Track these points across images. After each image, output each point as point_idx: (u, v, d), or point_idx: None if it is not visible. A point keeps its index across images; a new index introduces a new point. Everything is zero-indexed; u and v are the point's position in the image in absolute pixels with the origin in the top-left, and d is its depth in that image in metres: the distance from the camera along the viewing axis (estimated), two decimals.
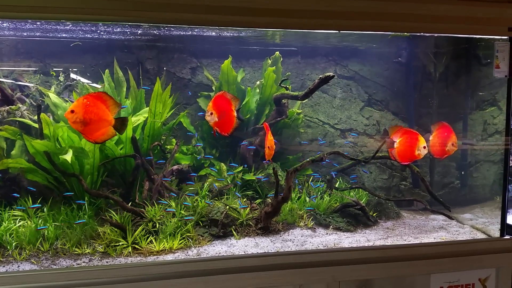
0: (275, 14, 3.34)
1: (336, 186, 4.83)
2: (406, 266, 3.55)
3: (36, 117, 4.11)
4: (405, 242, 3.88)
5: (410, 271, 3.56)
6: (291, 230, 4.07)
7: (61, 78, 4.69)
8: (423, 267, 3.57)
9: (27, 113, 4.11)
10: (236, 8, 3.25)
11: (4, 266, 3.25)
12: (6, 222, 3.67)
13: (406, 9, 3.46)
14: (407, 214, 4.83)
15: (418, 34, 4.49)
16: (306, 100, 4.75)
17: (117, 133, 3.33)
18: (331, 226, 4.18)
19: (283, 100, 4.60)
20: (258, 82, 4.96)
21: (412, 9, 3.46)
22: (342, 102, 5.42)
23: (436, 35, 4.69)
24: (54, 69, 4.76)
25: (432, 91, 5.42)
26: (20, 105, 4.11)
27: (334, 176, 4.84)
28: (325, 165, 4.93)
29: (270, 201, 4.20)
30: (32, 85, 4.51)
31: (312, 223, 4.20)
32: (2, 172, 3.93)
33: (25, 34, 4.44)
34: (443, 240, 3.96)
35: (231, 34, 4.62)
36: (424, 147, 3.89)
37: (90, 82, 4.75)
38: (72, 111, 3.11)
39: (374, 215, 4.51)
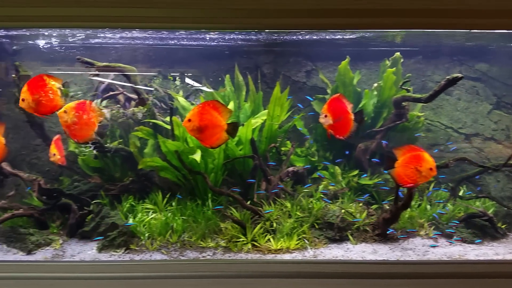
0: (398, 14, 3.24)
1: (460, 194, 4.53)
2: None
3: (164, 119, 4.49)
4: None
5: None
6: (411, 239, 3.92)
7: (177, 83, 5.04)
8: None
9: (159, 114, 4.49)
10: (354, 10, 3.21)
11: (138, 255, 3.59)
12: (140, 214, 4.05)
13: None
14: None
15: None
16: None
17: (230, 137, 3.52)
18: (454, 237, 3.93)
19: (403, 103, 4.44)
20: (375, 84, 4.84)
21: None
22: (467, 105, 5.07)
23: None
24: (171, 74, 5.13)
25: None
26: (155, 109, 4.51)
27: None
28: (447, 172, 4.65)
29: (388, 207, 4.10)
30: (163, 89, 4.92)
31: (433, 233, 3.99)
32: (137, 168, 4.34)
33: (156, 42, 4.87)
34: None
35: (347, 37, 4.59)
36: None
37: (200, 85, 5.04)
38: (189, 120, 3.39)
39: (502, 227, 4.15)
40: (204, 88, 4.99)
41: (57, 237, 3.87)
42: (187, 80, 5.10)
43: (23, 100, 3.35)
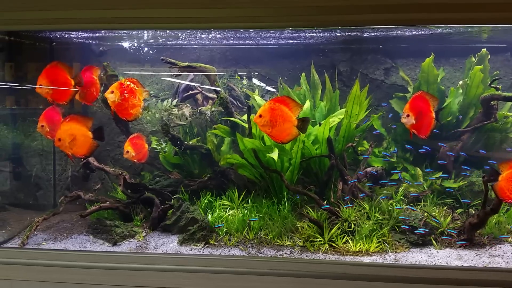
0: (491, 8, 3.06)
1: None
2: None
3: (241, 117, 4.55)
4: None
5: None
6: (499, 245, 3.68)
7: (244, 82, 5.08)
8: None
9: (236, 113, 4.55)
10: (448, 4, 3.07)
11: (217, 250, 3.66)
12: (217, 210, 4.13)
13: None
14: None
15: None
16: None
17: (300, 132, 3.54)
18: None
19: (492, 102, 4.17)
20: (461, 82, 4.59)
21: None
22: None
23: None
24: (239, 73, 5.18)
25: None
26: (231, 107, 4.58)
27: None
28: None
29: (473, 211, 3.87)
30: (239, 87, 4.99)
31: None
32: (214, 165, 4.43)
33: (231, 42, 4.95)
34: None
35: (428, 32, 4.38)
36: None
37: (265, 85, 5.07)
38: (260, 116, 3.45)
39: None
40: (269, 88, 5.02)
41: (140, 230, 4.04)
42: (254, 80, 5.14)
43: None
